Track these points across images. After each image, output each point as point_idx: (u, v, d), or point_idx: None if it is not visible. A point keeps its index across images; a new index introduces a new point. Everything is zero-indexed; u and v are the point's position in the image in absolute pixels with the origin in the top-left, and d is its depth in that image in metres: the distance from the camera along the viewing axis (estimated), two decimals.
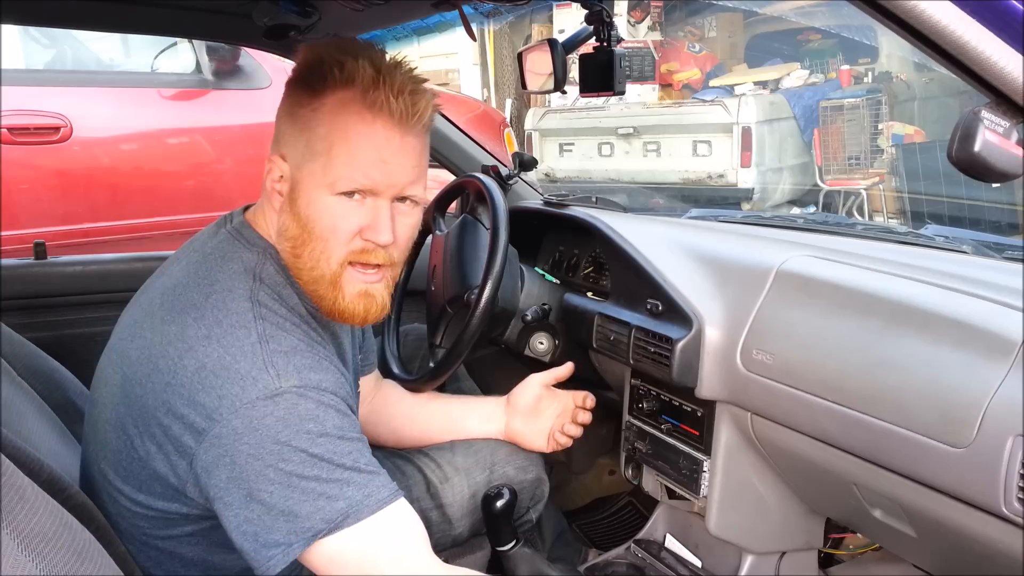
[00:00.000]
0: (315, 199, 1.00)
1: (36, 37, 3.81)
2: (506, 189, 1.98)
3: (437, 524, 1.35)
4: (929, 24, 0.79)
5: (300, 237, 1.01)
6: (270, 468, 0.90)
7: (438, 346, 1.69)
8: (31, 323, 1.73)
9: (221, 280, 1.00)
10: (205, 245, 1.06)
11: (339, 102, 0.98)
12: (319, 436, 0.92)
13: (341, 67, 0.97)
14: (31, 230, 2.96)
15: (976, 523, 0.97)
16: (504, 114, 6.39)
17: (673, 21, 7.25)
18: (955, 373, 0.98)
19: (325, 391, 0.95)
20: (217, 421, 0.91)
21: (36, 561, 0.68)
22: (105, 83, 3.72)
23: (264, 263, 1.03)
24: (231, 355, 0.93)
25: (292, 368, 0.94)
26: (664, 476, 1.49)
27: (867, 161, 5.55)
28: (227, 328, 0.95)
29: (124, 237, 3.36)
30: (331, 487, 0.92)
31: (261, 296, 0.99)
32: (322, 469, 0.92)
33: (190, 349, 0.94)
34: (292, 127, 1.01)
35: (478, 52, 8.21)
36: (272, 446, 0.90)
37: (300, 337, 0.99)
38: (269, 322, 0.97)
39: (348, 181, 0.99)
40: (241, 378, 0.92)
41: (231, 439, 0.91)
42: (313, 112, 0.98)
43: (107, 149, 3.55)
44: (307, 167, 1.00)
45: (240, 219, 1.09)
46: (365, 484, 0.94)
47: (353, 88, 0.97)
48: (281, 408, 0.91)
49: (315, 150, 0.99)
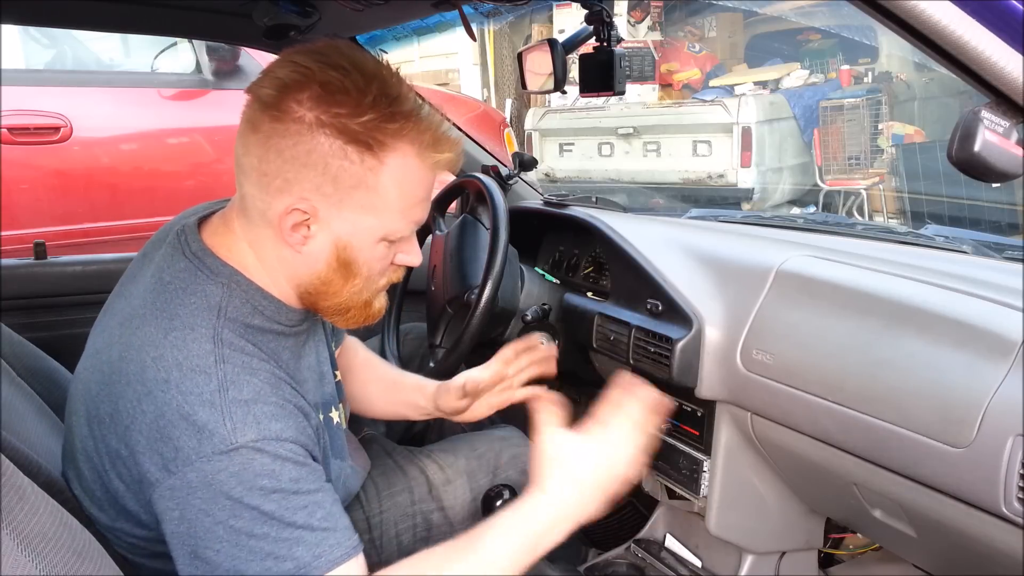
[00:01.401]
0: (367, 248, 0.99)
1: (36, 37, 3.81)
2: (506, 189, 1.98)
3: (438, 526, 1.35)
4: (929, 24, 0.79)
5: (337, 279, 1.00)
6: (219, 525, 0.88)
7: (438, 346, 1.69)
8: (31, 323, 1.73)
9: (181, 316, 0.95)
10: (163, 271, 1.00)
11: (400, 164, 0.95)
12: (272, 492, 0.89)
13: (400, 133, 0.94)
14: (31, 230, 2.97)
15: (976, 523, 0.97)
16: (504, 114, 6.38)
17: (673, 21, 7.26)
18: (955, 373, 0.98)
19: (285, 441, 0.92)
20: (172, 473, 0.89)
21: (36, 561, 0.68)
22: (105, 83, 3.72)
23: (231, 295, 0.98)
24: (189, 404, 0.89)
25: (251, 419, 0.90)
26: (664, 476, 1.49)
27: (867, 161, 5.55)
28: (186, 372, 0.91)
29: (124, 237, 3.36)
30: (280, 547, 0.89)
31: (225, 335, 0.95)
32: (272, 527, 0.89)
33: (148, 393, 0.91)
34: (335, 182, 0.94)
35: (478, 52, 8.22)
36: (224, 502, 0.88)
37: (264, 378, 0.95)
38: (232, 364, 0.93)
39: (402, 230, 1.01)
40: (198, 431, 0.89)
41: (184, 492, 0.88)
42: (370, 172, 0.94)
43: (107, 149, 3.55)
44: (361, 222, 0.97)
45: (199, 244, 1.01)
46: (317, 544, 0.91)
47: (412, 146, 0.95)
48: (236, 463, 0.88)
49: (371, 206, 0.96)
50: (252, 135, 0.94)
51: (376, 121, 0.92)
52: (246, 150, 0.96)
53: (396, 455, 1.42)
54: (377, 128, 0.92)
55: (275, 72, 0.94)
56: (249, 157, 0.95)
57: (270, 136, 0.93)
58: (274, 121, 0.92)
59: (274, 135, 0.93)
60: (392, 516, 1.33)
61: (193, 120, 3.69)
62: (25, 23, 2.86)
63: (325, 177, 0.93)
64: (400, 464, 1.40)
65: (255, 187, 0.96)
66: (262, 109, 0.93)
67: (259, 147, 0.94)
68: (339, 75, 0.92)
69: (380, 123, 0.92)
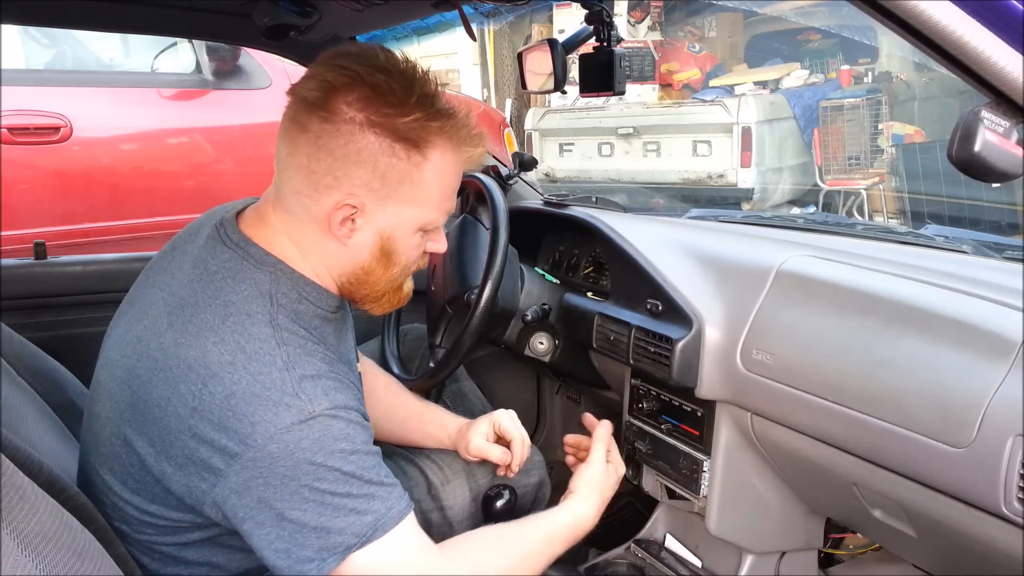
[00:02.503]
0: (407, 238, 1.07)
1: (36, 37, 3.81)
2: (506, 189, 1.98)
3: (437, 526, 1.35)
4: (929, 24, 0.79)
5: (379, 268, 1.07)
6: (305, 487, 0.94)
7: (438, 346, 1.69)
8: (31, 323, 1.73)
9: (236, 303, 1.00)
10: (207, 262, 1.04)
11: (440, 158, 1.03)
12: (351, 454, 0.96)
13: (442, 130, 1.02)
14: (31, 230, 2.96)
15: (976, 523, 0.97)
16: (504, 114, 6.38)
17: (673, 21, 7.26)
18: (955, 373, 0.98)
19: (351, 409, 0.99)
20: (251, 446, 0.93)
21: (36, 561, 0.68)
22: (105, 83, 3.71)
23: (277, 283, 1.03)
24: (260, 383, 0.95)
25: (320, 391, 0.97)
26: (664, 476, 1.49)
27: (867, 161, 5.55)
28: (251, 355, 0.96)
29: (124, 237, 3.36)
30: (361, 502, 0.96)
31: (280, 319, 1.01)
32: (353, 485, 0.96)
33: (214, 376, 0.95)
34: (384, 177, 1.01)
35: (478, 52, 8.22)
36: (308, 467, 0.94)
37: (321, 358, 1.01)
38: (291, 346, 0.99)
39: (438, 220, 1.08)
40: (274, 404, 0.94)
41: (266, 462, 0.93)
42: (415, 167, 1.01)
43: (107, 149, 3.55)
44: (404, 214, 1.04)
45: (239, 235, 1.06)
46: (387, 497, 0.99)
47: (450, 142, 1.03)
48: (316, 431, 0.94)
49: (414, 198, 1.03)
50: (301, 135, 0.99)
51: (421, 120, 0.99)
52: (293, 149, 1.01)
53: (394, 455, 1.42)
54: (422, 127, 1.00)
55: (322, 75, 0.99)
56: (297, 156, 1.00)
57: (320, 136, 0.98)
58: (324, 122, 0.98)
59: (324, 135, 0.98)
60: None
61: (193, 120, 3.69)
62: (25, 23, 2.86)
63: (374, 173, 1.00)
64: (399, 464, 1.40)
65: (302, 184, 1.01)
66: (310, 110, 0.98)
67: (309, 146, 0.99)
68: (385, 77, 0.98)
69: (425, 122, 1.00)
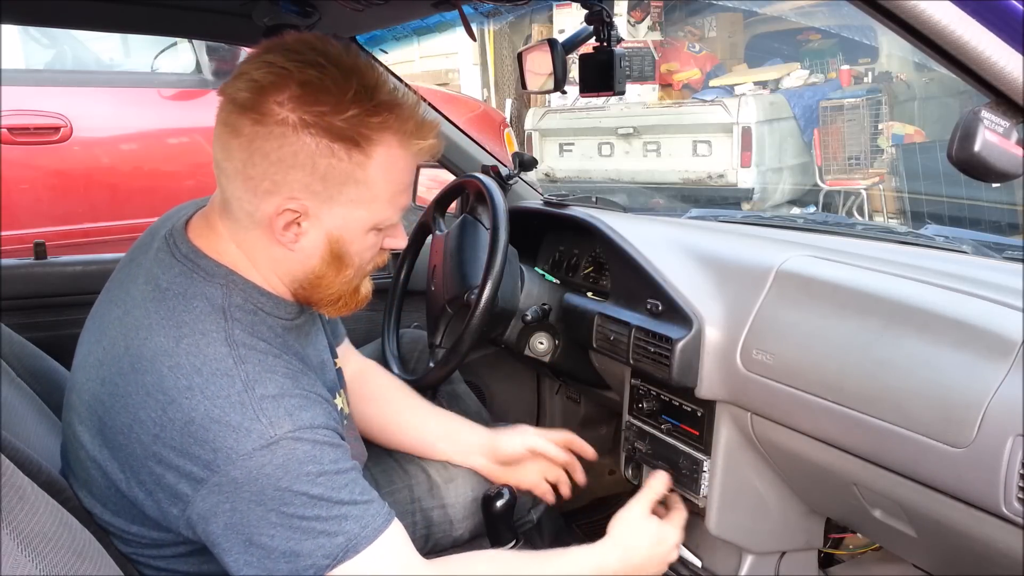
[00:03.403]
0: (358, 239, 1.01)
1: (36, 37, 3.81)
2: (506, 189, 1.98)
3: (439, 524, 1.35)
4: (929, 24, 0.79)
5: (330, 272, 1.01)
6: (272, 512, 0.91)
7: (438, 346, 1.69)
8: (31, 323, 1.73)
9: (189, 323, 0.95)
10: (158, 278, 0.99)
11: (385, 155, 0.96)
12: (319, 476, 0.92)
13: (384, 126, 0.94)
14: (31, 230, 2.96)
15: (976, 523, 0.97)
16: (504, 114, 6.39)
17: (673, 21, 7.26)
18: (955, 373, 0.98)
19: (318, 427, 0.95)
20: (215, 471, 0.90)
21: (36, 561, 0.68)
22: (105, 83, 3.72)
23: (230, 295, 0.98)
24: (219, 408, 0.91)
25: (283, 412, 0.92)
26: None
27: (867, 161, 5.55)
28: (208, 377, 0.92)
29: (124, 237, 3.35)
30: (331, 524, 0.93)
31: (237, 335, 0.96)
32: (321, 508, 0.92)
33: (172, 402, 0.91)
34: (324, 179, 0.94)
35: (478, 52, 8.22)
36: (273, 492, 0.90)
37: (284, 373, 0.96)
38: (250, 364, 0.94)
39: (391, 218, 1.02)
40: (234, 430, 0.90)
41: (231, 488, 0.90)
42: (358, 167, 0.95)
43: (107, 149, 3.55)
44: (352, 215, 0.98)
45: (188, 246, 1.01)
46: (361, 515, 0.95)
47: (396, 136, 0.96)
48: (279, 455, 0.90)
49: (360, 198, 0.97)
50: (233, 139, 0.93)
51: (360, 116, 0.92)
52: (227, 154, 0.94)
53: (396, 453, 1.42)
54: (361, 123, 0.92)
55: (249, 73, 0.92)
56: (232, 161, 0.94)
57: (253, 139, 0.91)
58: (256, 124, 0.91)
59: (257, 138, 0.91)
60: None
61: (193, 120, 3.69)
62: (25, 23, 2.86)
63: (314, 176, 0.93)
64: (400, 462, 1.39)
65: (241, 190, 0.95)
66: (240, 112, 0.92)
67: (242, 151, 0.92)
68: (317, 72, 0.91)
69: (364, 118, 0.92)
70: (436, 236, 1.81)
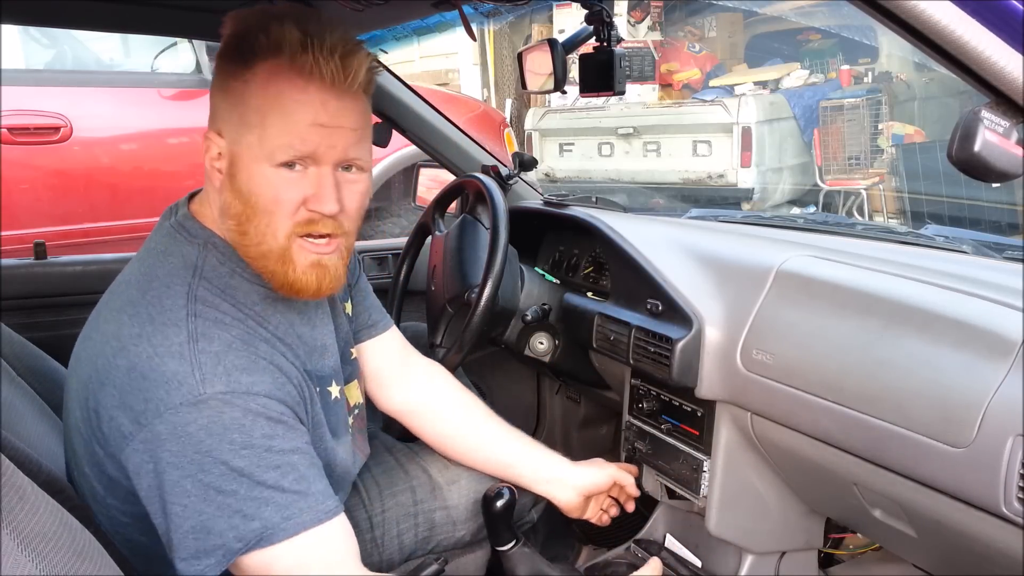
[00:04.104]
0: (255, 172, 0.95)
1: (36, 37, 3.80)
2: (506, 189, 1.98)
3: (441, 525, 1.35)
4: (929, 24, 0.79)
5: (244, 213, 0.96)
6: (188, 479, 0.87)
7: (438, 345, 1.69)
8: (31, 323, 1.73)
9: (160, 276, 0.96)
10: (149, 241, 1.04)
11: (269, 70, 0.93)
12: (243, 448, 0.88)
13: (267, 34, 0.92)
14: (31, 230, 2.97)
15: (976, 523, 0.97)
16: (504, 114, 6.38)
17: (673, 21, 7.25)
18: (955, 373, 0.98)
19: (256, 395, 0.90)
20: (143, 425, 0.88)
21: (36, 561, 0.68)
22: (105, 83, 3.72)
23: (206, 255, 0.98)
24: (159, 355, 0.89)
25: (221, 370, 0.89)
26: (664, 476, 1.49)
27: (867, 161, 5.55)
28: (158, 326, 0.91)
29: (124, 237, 3.36)
30: (248, 505, 0.88)
31: (200, 292, 0.95)
32: (241, 484, 0.88)
33: (123, 348, 0.91)
34: (225, 101, 0.96)
35: (478, 52, 8.21)
36: (193, 455, 0.86)
37: (237, 334, 0.93)
38: (204, 319, 0.92)
39: (286, 150, 0.94)
40: (167, 381, 0.88)
41: (154, 444, 0.87)
42: (245, 84, 0.93)
43: (107, 149, 3.55)
44: (244, 140, 0.95)
45: (184, 211, 1.03)
46: (287, 506, 0.90)
47: (282, 54, 0.92)
48: (205, 416, 0.87)
49: (249, 122, 0.94)
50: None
51: (255, 33, 0.94)
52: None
53: (397, 453, 1.42)
54: (255, 40, 0.93)
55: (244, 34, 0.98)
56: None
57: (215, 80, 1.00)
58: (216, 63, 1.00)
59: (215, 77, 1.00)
60: (394, 515, 1.33)
61: (193, 120, 3.68)
62: (25, 23, 2.86)
63: (223, 100, 0.97)
64: (401, 463, 1.39)
65: None
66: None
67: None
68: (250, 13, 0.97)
69: (258, 35, 0.93)
70: (436, 236, 1.81)
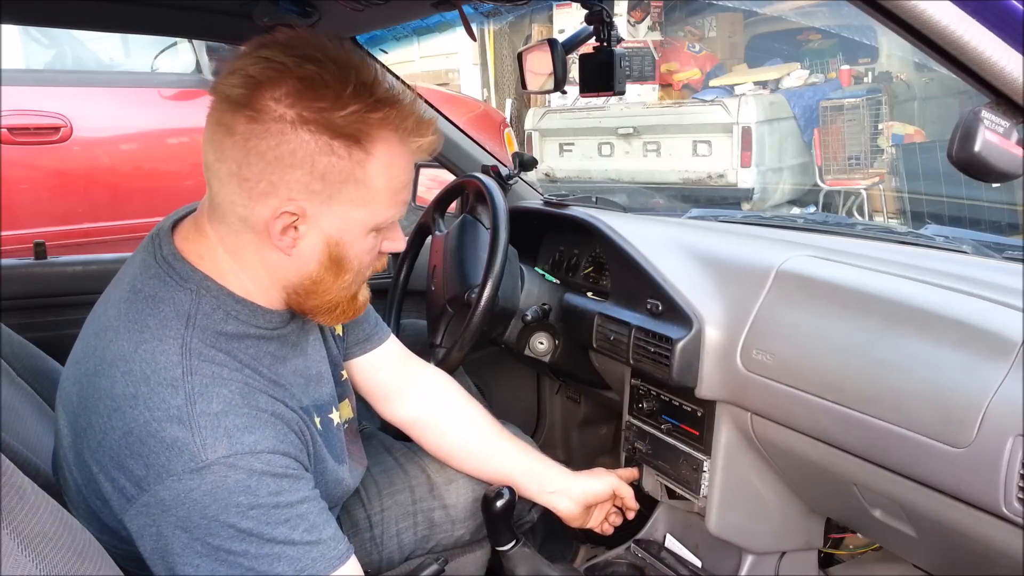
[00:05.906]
0: (356, 241, 0.96)
1: (36, 37, 3.81)
2: (506, 189, 1.98)
3: (440, 524, 1.35)
4: (929, 24, 0.79)
5: (328, 277, 0.97)
6: (197, 542, 0.86)
7: (438, 345, 1.69)
8: (31, 323, 1.73)
9: (152, 328, 0.92)
10: (136, 279, 0.97)
11: (386, 152, 0.92)
12: (250, 509, 0.87)
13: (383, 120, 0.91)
14: (31, 230, 2.97)
15: (976, 523, 0.97)
16: (504, 114, 6.39)
17: (673, 21, 7.26)
18: (955, 373, 0.98)
19: (261, 453, 0.89)
20: (145, 490, 0.86)
21: (36, 561, 0.68)
22: (105, 83, 3.72)
23: (199, 303, 0.94)
24: (156, 420, 0.87)
25: (222, 432, 0.88)
26: (664, 476, 1.49)
27: (867, 161, 5.55)
28: (154, 387, 0.88)
29: (124, 237, 3.36)
30: (260, 563, 0.87)
31: (194, 344, 0.92)
32: (251, 544, 0.87)
33: (118, 409, 0.88)
34: (311, 175, 0.90)
35: (478, 52, 8.22)
36: (199, 520, 0.85)
37: (236, 389, 0.92)
38: (200, 375, 0.90)
39: (391, 218, 0.98)
40: (168, 447, 0.86)
41: (159, 509, 0.86)
42: (358, 164, 0.91)
43: (107, 149, 3.55)
44: (350, 216, 0.94)
45: (170, 249, 0.97)
46: (299, 558, 0.89)
47: (396, 134, 0.93)
48: (208, 482, 0.85)
49: (359, 199, 0.93)
50: (228, 138, 0.88)
51: (360, 112, 0.88)
52: (220, 155, 0.90)
53: (396, 452, 1.42)
54: (362, 119, 0.89)
55: (244, 69, 0.88)
56: (226, 162, 0.89)
57: (248, 138, 0.87)
58: (251, 122, 0.87)
59: (252, 137, 0.87)
60: (393, 515, 1.33)
61: (193, 120, 3.69)
62: (25, 23, 2.86)
63: (313, 175, 0.89)
64: (400, 462, 1.39)
65: (235, 193, 0.90)
66: (235, 110, 0.87)
67: (237, 150, 0.88)
68: (316, 68, 0.87)
69: (364, 114, 0.89)
70: (436, 236, 1.81)
